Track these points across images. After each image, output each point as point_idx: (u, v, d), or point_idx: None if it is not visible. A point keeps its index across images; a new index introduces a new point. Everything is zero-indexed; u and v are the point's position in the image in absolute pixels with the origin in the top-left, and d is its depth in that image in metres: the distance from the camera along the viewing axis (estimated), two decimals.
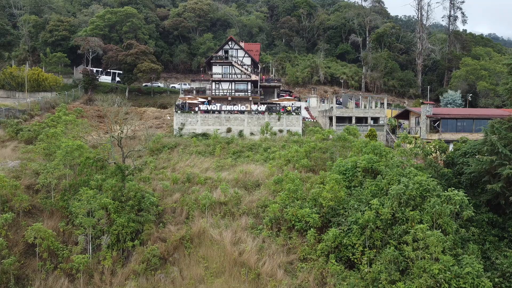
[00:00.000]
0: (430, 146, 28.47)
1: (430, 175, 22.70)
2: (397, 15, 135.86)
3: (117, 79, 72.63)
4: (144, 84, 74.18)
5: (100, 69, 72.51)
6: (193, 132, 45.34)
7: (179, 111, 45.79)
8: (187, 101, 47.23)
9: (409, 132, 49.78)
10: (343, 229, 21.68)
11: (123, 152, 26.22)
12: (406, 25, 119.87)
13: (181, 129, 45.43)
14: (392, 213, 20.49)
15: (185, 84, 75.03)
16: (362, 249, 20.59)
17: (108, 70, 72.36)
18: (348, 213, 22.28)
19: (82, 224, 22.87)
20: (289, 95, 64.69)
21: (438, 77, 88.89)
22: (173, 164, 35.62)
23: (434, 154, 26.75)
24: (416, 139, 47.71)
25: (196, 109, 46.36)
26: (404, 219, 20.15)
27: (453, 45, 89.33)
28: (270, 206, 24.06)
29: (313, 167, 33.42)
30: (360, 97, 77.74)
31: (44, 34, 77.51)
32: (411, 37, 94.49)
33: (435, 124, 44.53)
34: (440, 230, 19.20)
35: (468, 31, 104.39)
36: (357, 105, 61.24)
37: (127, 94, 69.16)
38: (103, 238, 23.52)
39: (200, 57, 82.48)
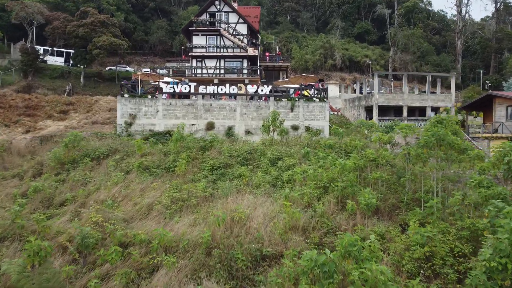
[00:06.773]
0: None
1: None
2: None
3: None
4: (108, 68, 56.30)
5: (49, 48, 54.17)
6: (150, 130, 26.96)
7: (126, 95, 27.24)
8: (141, 79, 28.67)
9: (495, 131, 31.72)
10: None
11: None
12: None
13: (130, 124, 26.91)
14: None
15: (162, 69, 56.52)
16: None
17: (61, 50, 54.11)
18: None
19: None
20: (319, 83, 42.90)
21: (483, 62, 70.75)
22: (88, 194, 17.41)
23: None
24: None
25: (164, 93, 27.79)
26: None
27: (502, 21, 71.08)
28: None
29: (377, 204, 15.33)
30: (391, 83, 60.17)
31: None
32: (446, 13, 76.52)
33: None
34: None
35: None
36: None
37: (82, 79, 51.08)
38: None
39: (183, 36, 64.12)
